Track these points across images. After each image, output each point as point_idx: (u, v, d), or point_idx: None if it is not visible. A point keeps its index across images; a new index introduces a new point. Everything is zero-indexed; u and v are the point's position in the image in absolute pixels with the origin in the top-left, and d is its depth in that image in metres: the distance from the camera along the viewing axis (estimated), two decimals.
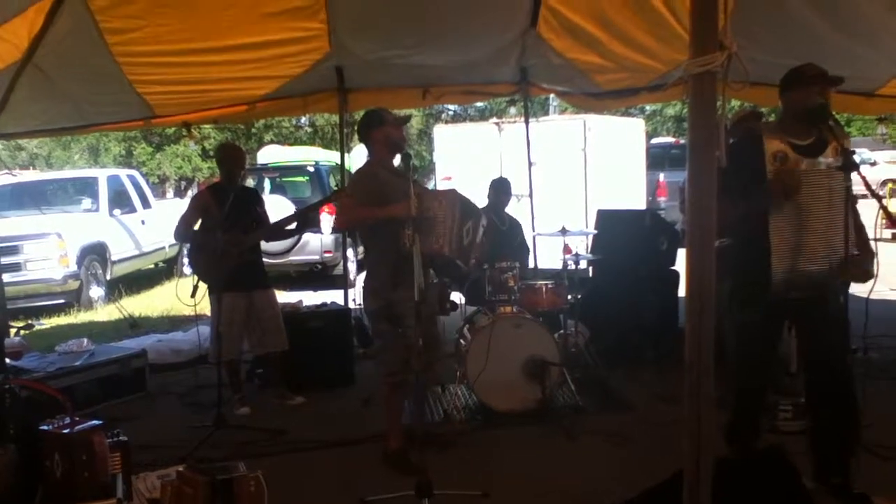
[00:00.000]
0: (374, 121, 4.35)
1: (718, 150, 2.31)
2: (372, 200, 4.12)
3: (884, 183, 18.11)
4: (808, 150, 3.45)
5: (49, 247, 9.96)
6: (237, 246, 5.17)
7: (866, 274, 3.49)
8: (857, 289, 3.34)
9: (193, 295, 4.76)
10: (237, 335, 5.40)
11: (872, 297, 3.46)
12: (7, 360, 5.42)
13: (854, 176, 3.35)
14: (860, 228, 3.57)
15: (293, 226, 5.59)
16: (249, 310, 5.40)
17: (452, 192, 4.21)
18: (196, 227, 5.45)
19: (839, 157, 3.38)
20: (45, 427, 3.48)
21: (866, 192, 3.32)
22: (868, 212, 3.75)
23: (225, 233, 5.15)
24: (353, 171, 8.07)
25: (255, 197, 5.72)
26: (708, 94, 2.26)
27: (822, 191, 3.42)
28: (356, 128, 4.61)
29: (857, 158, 3.43)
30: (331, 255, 11.18)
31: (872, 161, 22.02)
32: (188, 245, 5.24)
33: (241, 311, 5.36)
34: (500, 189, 6.45)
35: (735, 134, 4.67)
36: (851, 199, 3.40)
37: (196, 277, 5.09)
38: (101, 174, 12.61)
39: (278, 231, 5.67)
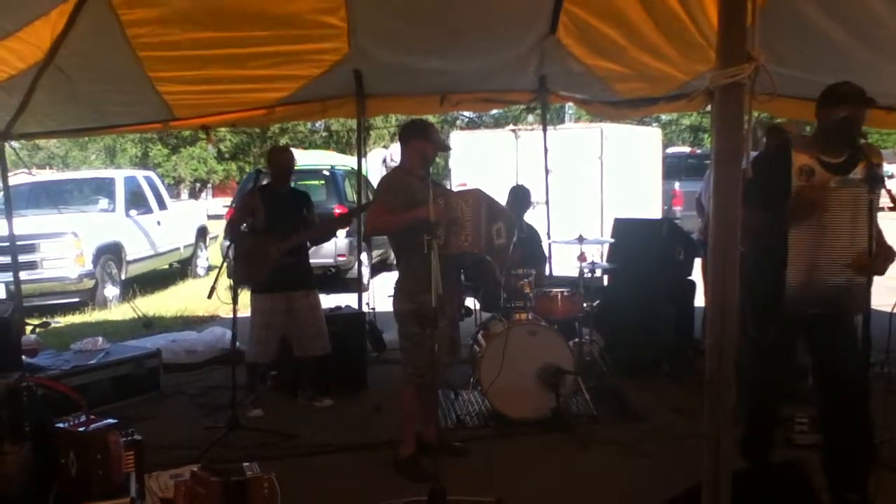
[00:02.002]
0: (419, 131, 4.39)
1: (744, 162, 2.29)
2: (401, 206, 4.16)
3: None
4: (838, 168, 3.43)
5: (65, 246, 10.02)
6: (278, 249, 5.20)
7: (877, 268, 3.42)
8: (880, 303, 3.30)
9: (210, 296, 4.77)
10: (273, 338, 5.42)
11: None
12: (23, 358, 5.45)
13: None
14: (878, 234, 3.52)
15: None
16: (289, 312, 5.41)
17: (477, 190, 4.24)
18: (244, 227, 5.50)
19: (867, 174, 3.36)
20: (60, 425, 3.50)
21: (892, 205, 3.28)
22: (890, 226, 3.72)
23: (266, 234, 5.19)
24: (368, 175, 8.18)
25: (304, 200, 5.68)
26: (734, 105, 2.24)
27: (846, 207, 3.40)
28: (401, 127, 4.67)
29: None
30: (345, 258, 11.19)
31: (890, 174, 21.91)
32: (227, 245, 5.27)
33: (279, 314, 5.38)
34: (520, 196, 6.45)
35: (768, 143, 4.66)
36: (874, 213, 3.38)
37: (220, 278, 5.08)
38: (119, 175, 12.70)
39: (320, 235, 5.72)
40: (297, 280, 5.46)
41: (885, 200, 3.43)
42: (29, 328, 7.30)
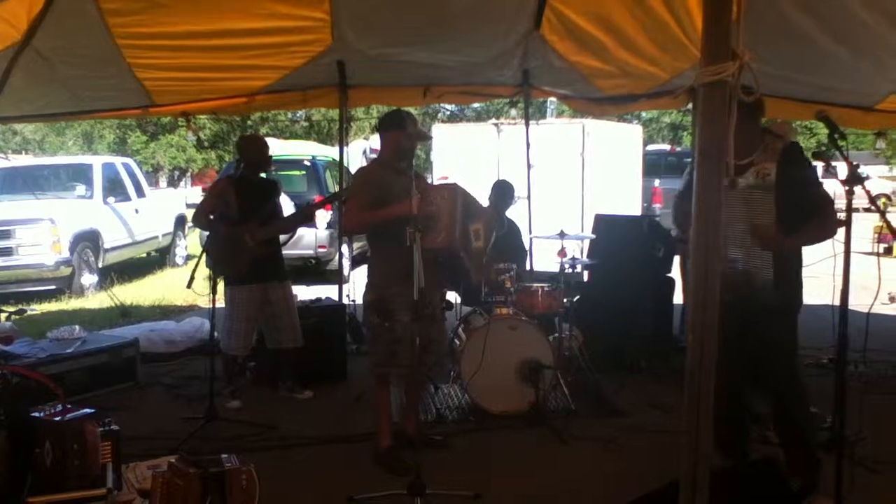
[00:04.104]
0: (395, 122, 4.33)
1: (727, 160, 2.31)
2: (375, 201, 4.13)
3: (876, 197, 18.22)
4: (742, 169, 3.63)
5: (42, 232, 9.91)
6: (252, 238, 5.17)
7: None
8: (856, 303, 3.34)
9: (189, 286, 4.73)
10: (251, 330, 5.39)
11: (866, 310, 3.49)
12: None
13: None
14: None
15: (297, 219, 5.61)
16: (264, 303, 5.38)
17: (454, 185, 4.20)
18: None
19: (765, 179, 3.61)
20: (36, 414, 3.47)
21: (868, 205, 3.34)
22: (864, 225, 3.77)
23: (240, 224, 5.17)
24: (349, 166, 8.15)
25: (274, 189, 5.65)
26: (718, 103, 2.26)
27: (736, 209, 3.62)
28: (380, 117, 4.63)
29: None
30: (325, 250, 11.16)
31: (866, 175, 22.11)
32: (206, 234, 5.22)
33: (256, 305, 5.34)
34: (502, 191, 6.45)
35: None
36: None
37: (200, 267, 5.04)
38: (96, 161, 12.55)
39: (291, 225, 5.69)
40: (272, 271, 5.43)
41: (863, 201, 3.46)
42: (4, 315, 7.20)
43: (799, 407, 3.74)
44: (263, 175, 5.64)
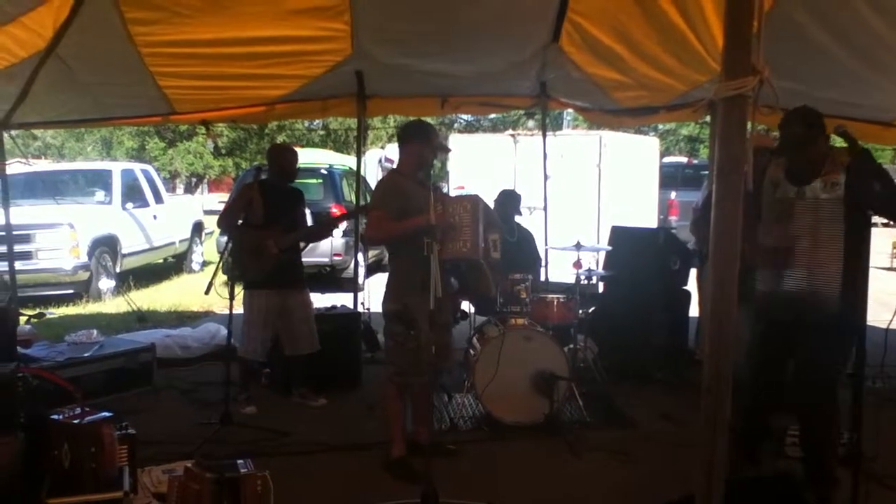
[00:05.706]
0: (419, 134, 4.35)
1: (746, 173, 2.32)
2: (398, 212, 4.17)
3: None
4: (803, 180, 3.59)
5: (61, 237, 10.01)
6: (276, 245, 5.22)
7: None
8: (874, 318, 3.33)
9: (207, 292, 4.76)
10: (268, 335, 5.43)
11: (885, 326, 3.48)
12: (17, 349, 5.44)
13: None
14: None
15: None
16: (282, 309, 5.41)
17: (475, 196, 4.24)
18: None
19: (833, 188, 3.49)
20: (54, 417, 3.50)
21: (885, 220, 3.33)
22: (881, 240, 3.76)
23: (264, 230, 5.21)
24: (365, 175, 8.18)
25: (300, 198, 5.73)
26: (738, 117, 2.27)
27: (804, 219, 3.55)
28: (401, 127, 4.63)
29: None
30: (340, 258, 11.19)
31: None
32: (225, 238, 5.25)
33: (274, 311, 5.39)
34: (508, 201, 6.47)
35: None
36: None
37: (217, 274, 5.07)
38: (116, 167, 12.69)
39: (318, 235, 5.73)
40: (292, 278, 5.48)
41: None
42: (23, 318, 7.27)
43: (829, 425, 3.70)
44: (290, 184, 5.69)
